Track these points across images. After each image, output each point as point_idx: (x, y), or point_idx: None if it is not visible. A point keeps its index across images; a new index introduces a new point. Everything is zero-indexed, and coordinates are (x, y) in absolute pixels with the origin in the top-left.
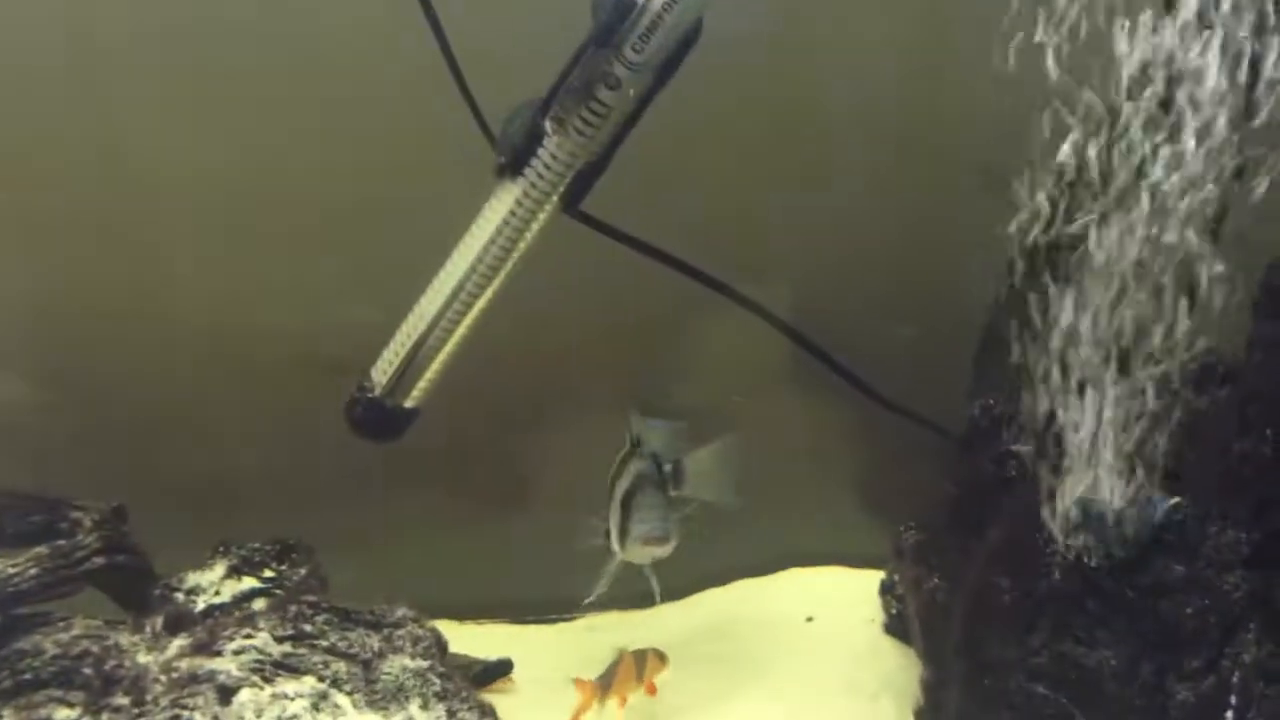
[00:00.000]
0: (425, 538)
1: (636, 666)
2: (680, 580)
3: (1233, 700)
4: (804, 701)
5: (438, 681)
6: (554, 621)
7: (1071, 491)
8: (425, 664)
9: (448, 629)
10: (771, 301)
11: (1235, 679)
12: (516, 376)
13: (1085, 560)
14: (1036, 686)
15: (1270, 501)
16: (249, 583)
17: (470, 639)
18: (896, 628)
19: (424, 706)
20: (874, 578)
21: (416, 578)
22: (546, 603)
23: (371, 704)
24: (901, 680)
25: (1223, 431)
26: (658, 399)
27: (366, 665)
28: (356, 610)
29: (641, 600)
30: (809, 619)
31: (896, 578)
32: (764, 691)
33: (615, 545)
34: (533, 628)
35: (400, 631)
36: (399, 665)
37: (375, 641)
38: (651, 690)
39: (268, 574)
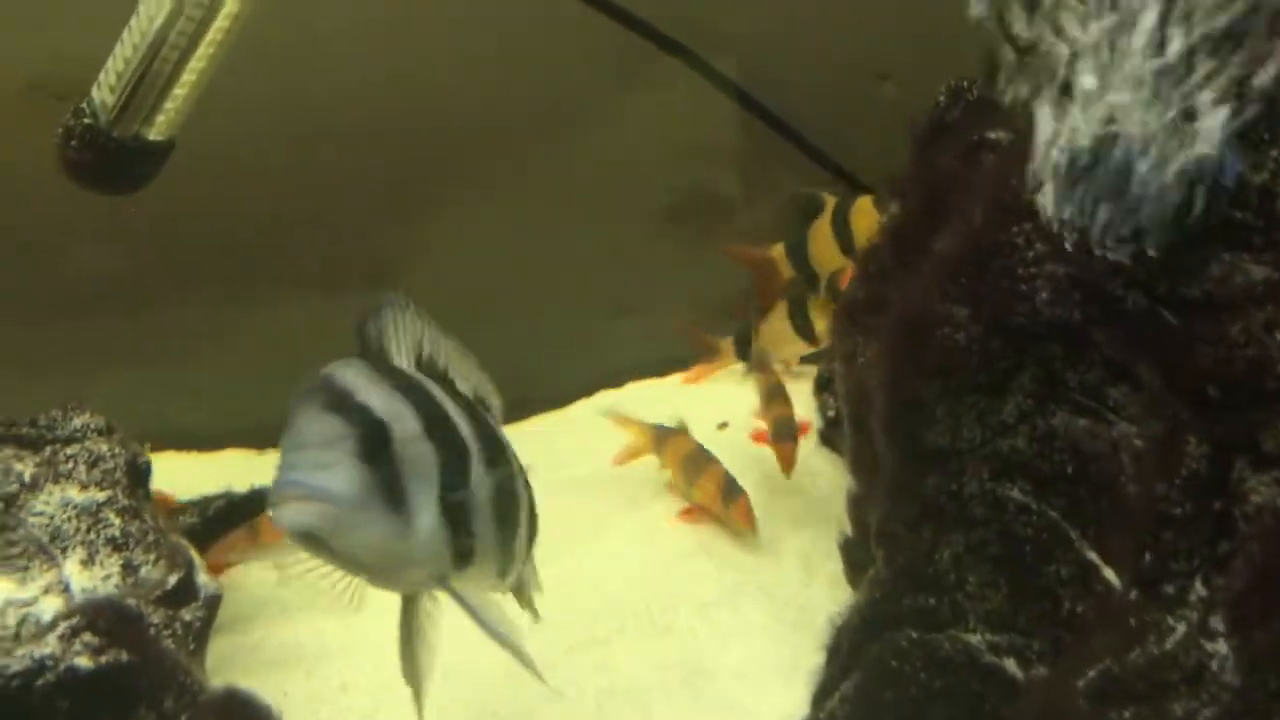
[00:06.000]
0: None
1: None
2: (560, 382)
3: None
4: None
5: (116, 522)
6: None
7: (1073, 130)
8: (102, 497)
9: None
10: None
11: None
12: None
13: (1087, 260)
14: (1008, 488)
15: None
16: None
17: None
18: (834, 435)
19: (87, 561)
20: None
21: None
22: None
23: (4, 563)
24: (828, 505)
25: None
26: None
27: (8, 503)
28: (9, 422)
29: None
30: (722, 426)
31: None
32: (639, 519)
33: None
34: None
35: (70, 451)
36: (57, 500)
37: (28, 467)
38: None
39: None
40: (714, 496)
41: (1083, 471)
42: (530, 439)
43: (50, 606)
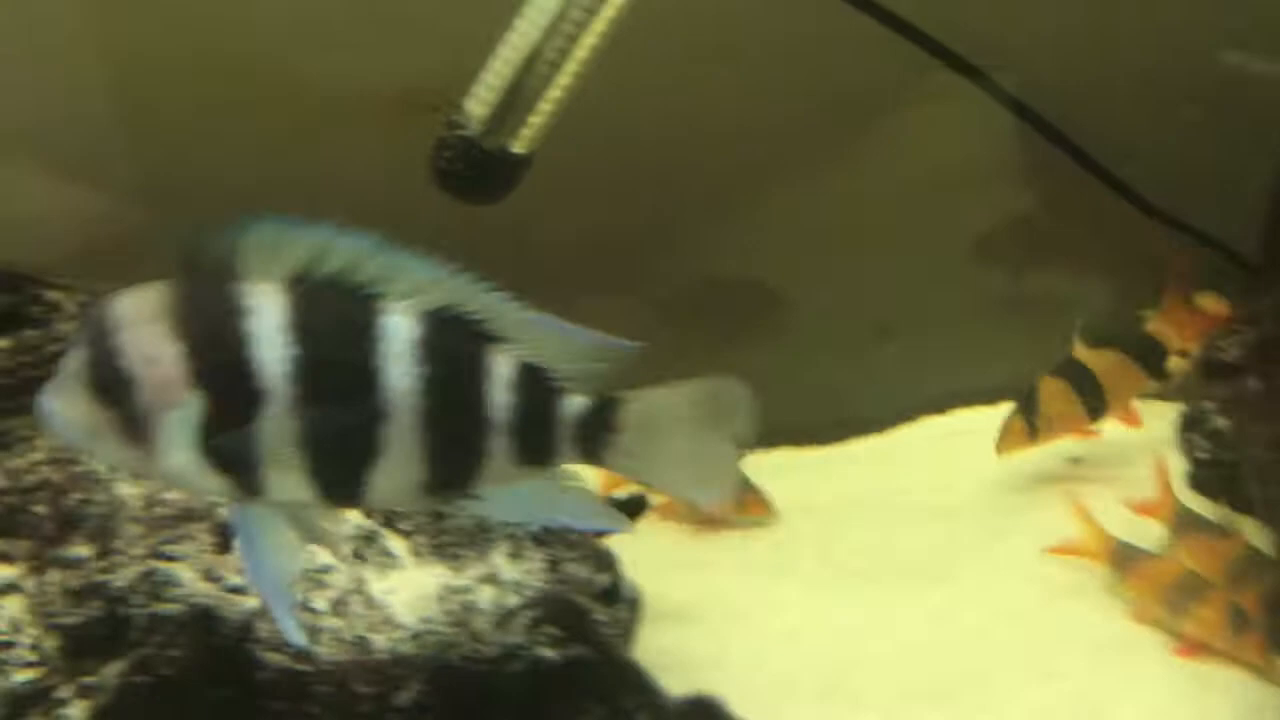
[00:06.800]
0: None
1: None
2: (877, 407)
3: None
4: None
5: None
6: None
7: None
8: None
9: None
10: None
11: None
12: None
13: None
14: None
15: None
16: None
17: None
18: (1209, 480)
19: (514, 555)
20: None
21: None
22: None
23: (438, 550)
24: None
25: None
26: None
27: None
28: None
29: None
30: (1075, 460)
31: (1208, 405)
32: (1003, 553)
33: None
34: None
35: None
36: None
37: None
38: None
39: None
40: (1218, 629)
41: None
42: (857, 464)
43: (486, 596)
